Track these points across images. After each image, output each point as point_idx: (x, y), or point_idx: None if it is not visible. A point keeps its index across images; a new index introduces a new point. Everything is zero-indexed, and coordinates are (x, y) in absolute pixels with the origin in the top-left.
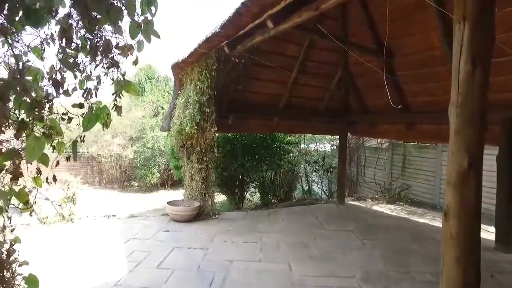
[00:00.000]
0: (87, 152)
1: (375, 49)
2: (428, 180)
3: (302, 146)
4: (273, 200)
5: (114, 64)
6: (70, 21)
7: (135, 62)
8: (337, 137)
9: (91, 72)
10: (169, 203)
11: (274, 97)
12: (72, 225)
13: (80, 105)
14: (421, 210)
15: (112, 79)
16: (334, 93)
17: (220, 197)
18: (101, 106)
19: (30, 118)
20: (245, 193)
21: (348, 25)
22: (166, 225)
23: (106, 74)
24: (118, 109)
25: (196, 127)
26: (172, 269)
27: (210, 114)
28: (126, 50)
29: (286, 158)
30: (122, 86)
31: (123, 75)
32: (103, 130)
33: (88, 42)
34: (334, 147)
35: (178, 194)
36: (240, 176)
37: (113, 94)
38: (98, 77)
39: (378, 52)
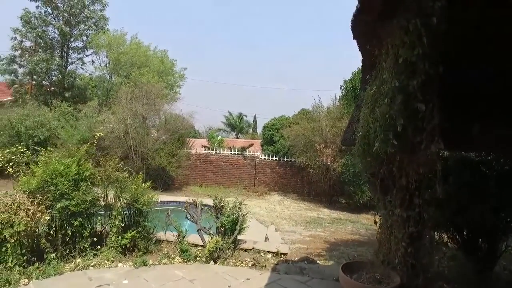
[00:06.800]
0: (297, 161)
1: None
2: None
3: None
4: None
5: None
6: None
7: None
8: None
9: None
10: (347, 266)
11: None
12: (202, 269)
13: None
14: None
15: None
16: None
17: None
18: None
19: None
20: (499, 251)
21: None
22: None
23: None
24: None
25: (395, 142)
26: None
27: (428, 116)
28: None
29: None
30: None
31: None
32: None
33: None
34: None
35: None
36: (490, 224)
37: None
38: None
39: None
